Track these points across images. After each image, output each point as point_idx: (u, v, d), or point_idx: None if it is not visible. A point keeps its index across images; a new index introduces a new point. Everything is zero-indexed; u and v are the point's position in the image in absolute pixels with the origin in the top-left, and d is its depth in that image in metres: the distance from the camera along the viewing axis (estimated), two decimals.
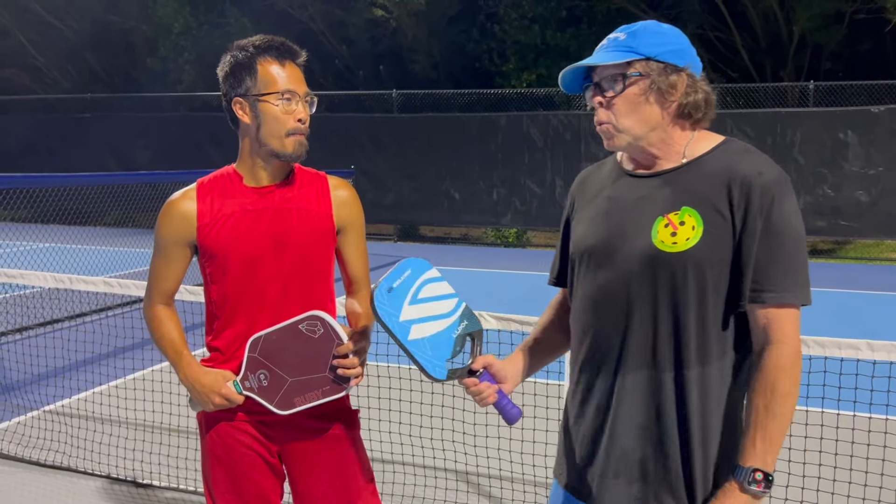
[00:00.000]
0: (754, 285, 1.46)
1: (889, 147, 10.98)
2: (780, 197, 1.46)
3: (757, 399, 1.46)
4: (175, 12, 18.15)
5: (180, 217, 1.92)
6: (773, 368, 1.46)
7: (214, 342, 1.98)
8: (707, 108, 1.57)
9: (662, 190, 1.55)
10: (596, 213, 1.65)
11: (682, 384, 1.51)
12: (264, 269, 1.90)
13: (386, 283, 1.61)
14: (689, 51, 1.57)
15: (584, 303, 1.64)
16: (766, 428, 1.45)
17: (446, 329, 1.65)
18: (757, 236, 1.45)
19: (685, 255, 1.48)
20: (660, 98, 1.54)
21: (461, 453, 3.89)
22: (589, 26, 15.87)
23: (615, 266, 1.57)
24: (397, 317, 1.60)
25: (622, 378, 1.56)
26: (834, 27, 14.76)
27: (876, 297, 8.66)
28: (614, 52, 1.55)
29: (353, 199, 2.03)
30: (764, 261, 1.46)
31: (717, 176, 1.50)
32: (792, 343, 1.47)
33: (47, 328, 6.72)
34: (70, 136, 15.71)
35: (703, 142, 1.58)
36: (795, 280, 1.47)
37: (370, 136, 13.69)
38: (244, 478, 1.96)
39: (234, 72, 1.87)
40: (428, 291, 1.66)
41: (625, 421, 1.56)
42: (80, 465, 3.88)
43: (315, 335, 1.85)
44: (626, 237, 1.56)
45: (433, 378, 1.60)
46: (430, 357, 1.61)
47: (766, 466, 1.45)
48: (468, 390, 1.65)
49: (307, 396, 1.87)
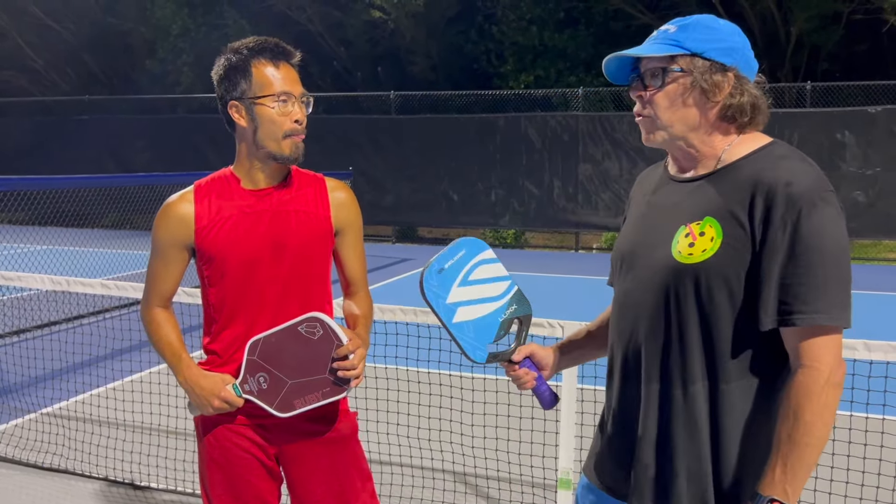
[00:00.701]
0: (783, 306, 1.36)
1: (886, 147, 11.00)
2: (809, 209, 1.34)
3: (780, 426, 1.37)
4: (173, 14, 18.16)
5: (178, 219, 1.91)
6: (797, 394, 1.35)
7: (212, 345, 1.97)
8: (754, 113, 1.48)
9: (692, 197, 1.49)
10: (636, 218, 1.63)
11: (691, 401, 1.45)
12: (263, 272, 1.89)
13: (438, 263, 1.60)
14: (742, 50, 1.48)
15: (614, 308, 1.64)
16: (787, 457, 1.35)
17: (493, 312, 1.64)
18: (781, 252, 1.35)
19: (699, 266, 1.41)
20: (702, 97, 1.46)
21: (459, 454, 3.89)
22: (587, 27, 15.89)
23: (637, 274, 1.54)
24: (445, 298, 1.58)
25: (641, 386, 1.53)
26: (831, 28, 14.80)
27: (874, 298, 8.66)
28: (660, 45, 1.49)
29: (351, 201, 2.03)
30: (792, 279, 1.35)
31: (744, 184, 1.41)
32: (823, 369, 1.35)
33: (45, 330, 6.71)
34: (68, 138, 15.70)
35: (744, 145, 1.48)
36: (829, 301, 1.34)
37: (368, 138, 13.70)
38: (242, 481, 1.96)
39: (229, 75, 1.86)
40: (480, 273, 1.64)
41: (643, 431, 1.52)
42: (77, 467, 3.88)
43: (314, 337, 1.84)
44: (651, 245, 1.52)
45: (472, 361, 1.61)
46: (472, 339, 1.60)
47: (786, 497, 1.35)
48: (509, 375, 1.68)
49: (307, 398, 1.86)
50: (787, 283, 1.36)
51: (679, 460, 1.46)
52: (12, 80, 19.98)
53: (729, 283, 1.40)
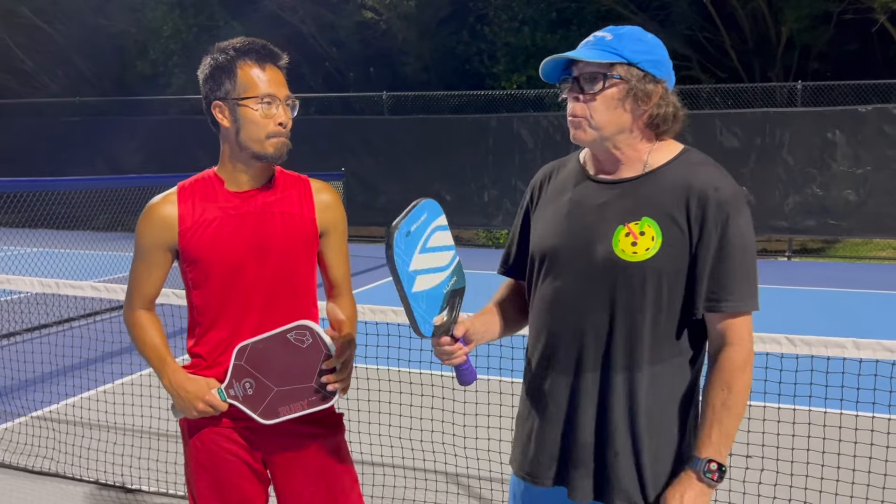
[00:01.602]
0: (711, 295, 1.56)
1: (877, 146, 11.04)
2: (734, 213, 1.55)
3: (713, 396, 1.57)
4: (164, 15, 18.10)
5: (161, 221, 1.89)
6: (730, 368, 1.56)
7: (196, 348, 1.95)
8: (674, 122, 1.62)
9: (624, 198, 1.61)
10: (557, 215, 1.69)
11: (633, 384, 1.59)
12: (247, 275, 1.88)
13: (405, 225, 1.51)
14: (668, 64, 1.62)
15: (542, 303, 1.69)
16: (721, 422, 1.55)
17: (440, 283, 1.59)
18: (712, 249, 1.54)
19: (644, 264, 1.55)
20: (634, 104, 1.58)
21: (449, 455, 3.88)
22: (578, 28, 15.90)
23: (574, 270, 1.63)
24: (408, 265, 1.51)
25: (577, 377, 1.63)
26: (821, 27, 14.86)
27: (865, 296, 8.70)
28: (600, 51, 1.58)
29: (336, 203, 2.01)
30: (721, 273, 1.55)
31: (676, 188, 1.57)
32: (746, 345, 1.58)
33: (35, 333, 6.68)
34: (59, 140, 15.63)
35: (664, 151, 1.63)
36: (749, 290, 1.57)
37: (360, 139, 13.67)
38: (228, 483, 1.95)
39: (214, 74, 1.84)
40: (436, 240, 1.59)
41: (581, 419, 1.63)
42: (68, 470, 3.86)
43: (303, 345, 1.83)
44: (586, 242, 1.61)
45: (420, 335, 1.55)
46: (423, 312, 1.54)
47: (721, 458, 1.56)
48: (440, 349, 1.62)
49: (292, 406, 1.85)
50: (716, 276, 1.55)
51: (619, 440, 1.60)
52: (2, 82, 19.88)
53: (669, 277, 1.56)
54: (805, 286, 9.18)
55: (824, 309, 7.85)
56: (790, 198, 11.46)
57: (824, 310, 7.81)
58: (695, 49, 15.87)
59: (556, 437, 1.67)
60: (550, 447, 1.68)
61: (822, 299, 8.42)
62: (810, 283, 9.51)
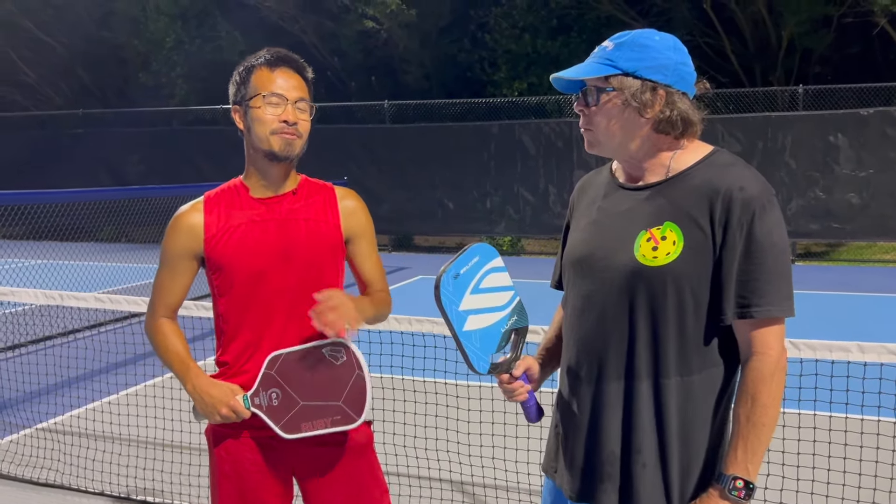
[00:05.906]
0: (740, 300, 1.48)
1: (879, 149, 11.04)
2: (761, 212, 1.47)
3: (739, 409, 1.50)
4: (166, 27, 18.16)
5: (187, 230, 1.91)
6: (753, 379, 1.49)
7: (223, 356, 1.95)
8: (685, 125, 1.56)
9: (647, 204, 1.57)
10: (587, 223, 1.69)
11: (659, 393, 1.54)
12: (272, 281, 1.88)
13: (454, 268, 1.57)
14: (675, 65, 1.54)
15: (571, 311, 1.68)
16: (747, 438, 1.48)
17: (497, 322, 1.64)
18: (738, 252, 1.47)
19: (665, 269, 1.51)
20: (635, 114, 1.55)
21: (456, 463, 3.88)
22: (579, 34, 15.94)
23: (598, 277, 1.60)
24: (457, 305, 1.57)
25: (603, 385, 1.60)
26: (822, 31, 14.86)
27: (869, 299, 8.68)
28: (596, 65, 1.57)
29: (361, 209, 2.03)
30: (748, 276, 1.47)
31: (700, 191, 1.51)
32: (773, 354, 1.49)
33: (39, 345, 6.69)
34: (62, 152, 15.69)
35: (689, 154, 1.59)
36: (780, 294, 1.48)
37: (363, 147, 13.71)
38: (252, 495, 1.93)
39: (235, 82, 1.91)
40: (490, 281, 1.64)
41: (607, 429, 1.59)
42: (73, 482, 3.86)
43: (337, 362, 1.81)
44: (609, 249, 1.59)
45: (475, 371, 1.60)
46: (477, 349, 1.59)
47: (748, 475, 1.49)
48: (501, 386, 1.69)
49: (315, 423, 1.83)
50: (744, 280, 1.48)
51: (647, 450, 1.55)
52: (6, 95, 19.97)
53: (692, 282, 1.50)
54: (809, 290, 9.16)
55: (829, 312, 7.83)
56: (793, 202, 11.45)
57: (829, 313, 7.79)
58: (696, 54, 15.78)
59: (581, 448, 1.64)
60: (577, 458, 1.65)
61: (826, 303, 8.40)
62: (815, 286, 9.49)
